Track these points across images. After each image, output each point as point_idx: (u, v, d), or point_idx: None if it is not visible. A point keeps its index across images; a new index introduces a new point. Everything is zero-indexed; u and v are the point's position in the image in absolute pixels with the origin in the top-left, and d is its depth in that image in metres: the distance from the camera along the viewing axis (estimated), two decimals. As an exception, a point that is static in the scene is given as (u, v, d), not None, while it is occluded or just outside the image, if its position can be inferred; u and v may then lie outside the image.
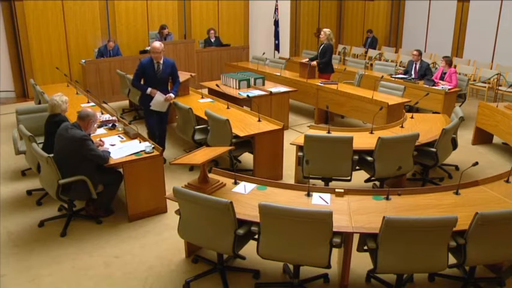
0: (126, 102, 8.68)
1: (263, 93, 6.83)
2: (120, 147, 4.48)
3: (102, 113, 5.72)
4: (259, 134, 5.07)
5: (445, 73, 7.44)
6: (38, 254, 3.86)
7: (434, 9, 11.42)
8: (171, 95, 5.49)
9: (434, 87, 7.20)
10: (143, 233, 4.20)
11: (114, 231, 4.23)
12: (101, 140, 4.58)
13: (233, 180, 3.75)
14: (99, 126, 5.12)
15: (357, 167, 4.70)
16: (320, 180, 4.69)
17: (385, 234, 2.87)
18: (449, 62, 7.46)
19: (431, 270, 3.28)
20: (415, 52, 7.93)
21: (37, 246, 3.97)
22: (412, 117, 5.56)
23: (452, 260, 3.08)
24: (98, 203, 4.38)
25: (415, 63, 7.96)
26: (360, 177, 4.95)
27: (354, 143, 4.40)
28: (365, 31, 12.52)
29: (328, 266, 3.02)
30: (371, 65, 10.18)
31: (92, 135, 4.44)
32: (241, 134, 4.99)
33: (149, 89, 5.40)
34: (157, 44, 5.31)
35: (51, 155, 3.96)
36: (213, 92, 7.21)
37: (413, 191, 3.57)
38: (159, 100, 5.42)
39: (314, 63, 7.70)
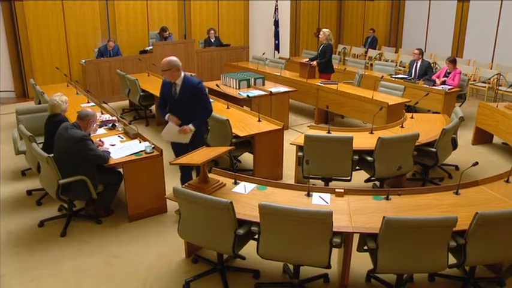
0: (126, 102, 8.67)
1: (263, 93, 6.83)
2: (120, 147, 4.48)
3: (102, 113, 5.72)
4: (259, 134, 5.07)
5: (449, 73, 7.43)
6: (38, 254, 3.86)
7: (434, 9, 11.42)
8: (188, 127, 4.26)
9: (434, 87, 7.21)
10: (143, 233, 4.19)
11: (114, 231, 4.23)
12: (100, 140, 4.58)
13: (233, 180, 3.75)
14: (99, 126, 5.12)
15: (357, 167, 4.69)
16: (320, 180, 4.69)
17: (385, 234, 2.87)
18: (454, 62, 7.43)
19: (431, 270, 3.28)
20: (416, 51, 7.92)
21: (37, 246, 3.97)
22: (412, 117, 5.56)
23: (452, 260, 3.08)
24: (98, 203, 4.38)
25: (416, 62, 7.96)
26: (360, 177, 4.95)
27: (354, 143, 4.40)
28: (365, 31, 12.53)
29: (328, 266, 3.02)
30: (371, 65, 10.18)
31: (92, 135, 4.44)
32: (241, 134, 4.99)
33: (167, 115, 4.36)
34: (165, 60, 4.19)
35: (51, 155, 3.96)
36: (213, 92, 7.20)
37: (413, 191, 3.57)
38: (171, 130, 4.36)
39: (314, 63, 7.70)
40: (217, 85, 7.07)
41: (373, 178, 4.74)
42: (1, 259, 3.78)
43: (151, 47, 9.62)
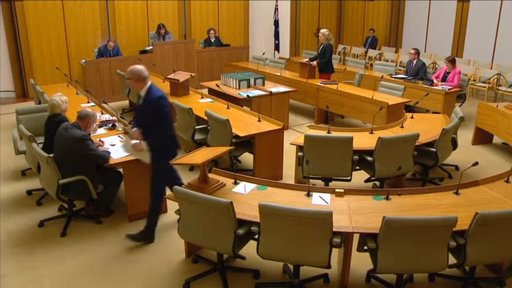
0: (126, 102, 8.67)
1: (263, 93, 6.83)
2: (120, 147, 4.48)
3: (102, 113, 5.72)
4: (259, 134, 5.07)
5: (448, 73, 7.43)
6: (38, 254, 3.86)
7: (434, 9, 11.42)
8: (140, 144, 3.81)
9: (432, 87, 7.21)
10: (143, 233, 4.19)
11: (114, 231, 4.23)
12: (100, 140, 4.58)
13: (233, 180, 3.75)
14: (99, 126, 5.12)
15: (357, 167, 4.69)
16: (320, 180, 4.69)
17: (385, 234, 2.87)
18: (453, 62, 7.43)
19: (431, 270, 3.28)
20: (411, 51, 7.96)
21: (37, 246, 3.98)
22: (412, 117, 5.56)
23: (452, 260, 3.08)
24: (98, 203, 4.37)
25: (412, 62, 7.99)
26: (360, 177, 4.95)
27: (354, 143, 4.40)
28: (365, 31, 12.52)
29: (328, 266, 3.03)
30: (371, 65, 10.18)
31: (92, 135, 4.44)
32: (241, 134, 4.99)
33: (134, 128, 3.90)
34: (129, 68, 3.83)
35: (51, 155, 3.96)
36: (213, 92, 7.21)
37: (413, 191, 3.57)
38: (127, 144, 4.01)
39: (314, 63, 7.70)
40: (217, 85, 7.08)
41: (373, 178, 4.74)
42: (1, 259, 3.78)
43: (151, 47, 9.62)
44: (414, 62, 7.96)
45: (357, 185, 4.72)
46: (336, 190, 3.53)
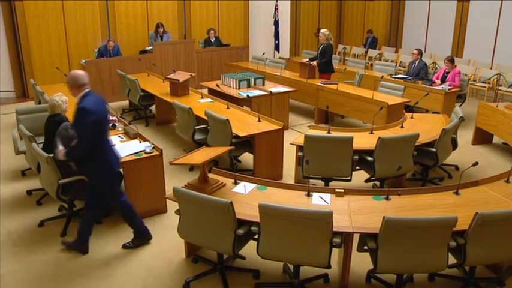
0: (126, 102, 8.67)
1: (263, 93, 6.83)
2: (120, 147, 4.48)
3: (102, 113, 5.70)
4: (259, 134, 5.07)
5: (448, 72, 7.44)
6: (38, 254, 3.86)
7: (434, 9, 11.42)
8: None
9: (432, 87, 7.21)
10: (143, 233, 4.19)
11: (114, 231, 4.22)
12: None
13: (233, 180, 3.75)
14: (99, 126, 5.11)
15: (357, 167, 4.69)
16: (320, 180, 4.69)
17: (385, 234, 2.87)
18: (453, 62, 7.43)
19: (431, 270, 3.28)
20: (415, 51, 7.97)
21: (37, 246, 3.97)
22: (412, 117, 5.56)
23: (452, 260, 3.08)
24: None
25: (415, 63, 8.00)
26: (360, 177, 4.95)
27: (354, 143, 4.40)
28: (365, 31, 12.53)
29: (328, 266, 3.03)
30: (371, 65, 10.18)
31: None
32: (241, 134, 4.99)
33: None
34: (70, 72, 3.65)
35: (51, 155, 3.95)
36: (213, 92, 7.21)
37: (413, 191, 3.57)
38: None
39: (314, 63, 7.70)
40: (217, 85, 7.08)
41: (373, 178, 4.75)
42: (1, 259, 3.78)
43: (151, 47, 9.62)
44: (416, 62, 7.97)
45: (357, 185, 4.72)
46: (336, 190, 3.53)
